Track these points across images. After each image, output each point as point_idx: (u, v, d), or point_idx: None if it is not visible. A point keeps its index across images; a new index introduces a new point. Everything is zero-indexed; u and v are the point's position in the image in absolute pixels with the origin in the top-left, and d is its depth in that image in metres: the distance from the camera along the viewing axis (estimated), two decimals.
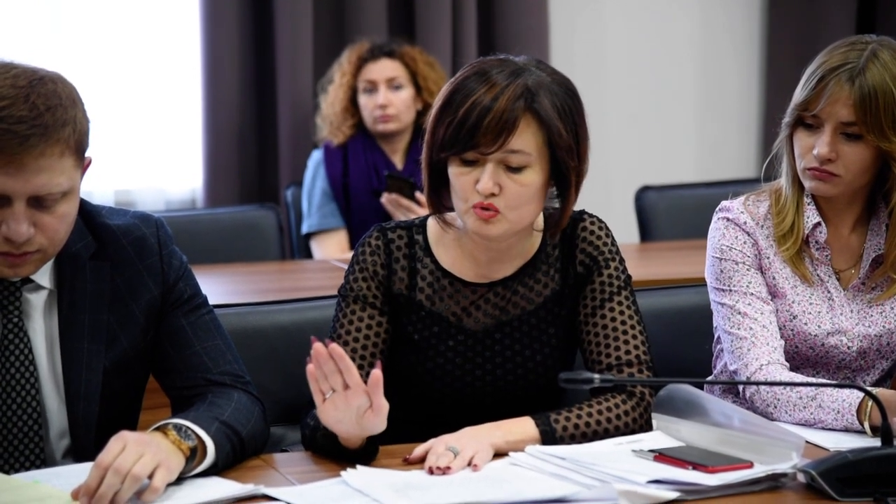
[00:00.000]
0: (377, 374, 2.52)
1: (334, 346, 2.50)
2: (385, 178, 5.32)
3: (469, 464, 2.56)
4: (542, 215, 2.90)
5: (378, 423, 2.57)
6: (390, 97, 5.44)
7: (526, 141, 2.74)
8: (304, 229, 5.55)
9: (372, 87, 5.47)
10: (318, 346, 2.50)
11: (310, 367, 2.53)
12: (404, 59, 5.48)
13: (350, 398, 2.54)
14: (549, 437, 2.70)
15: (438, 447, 2.59)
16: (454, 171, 2.79)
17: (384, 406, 2.55)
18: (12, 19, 5.80)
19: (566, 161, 2.77)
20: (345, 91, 5.52)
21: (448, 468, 2.53)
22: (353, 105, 5.52)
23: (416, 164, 2.91)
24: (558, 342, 2.92)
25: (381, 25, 6.10)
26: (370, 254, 2.89)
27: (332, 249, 5.47)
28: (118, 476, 2.37)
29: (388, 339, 2.89)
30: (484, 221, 2.77)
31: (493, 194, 2.75)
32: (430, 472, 2.53)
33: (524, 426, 2.71)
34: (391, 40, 5.66)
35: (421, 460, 2.62)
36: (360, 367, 2.84)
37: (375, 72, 5.47)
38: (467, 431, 2.66)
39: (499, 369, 2.89)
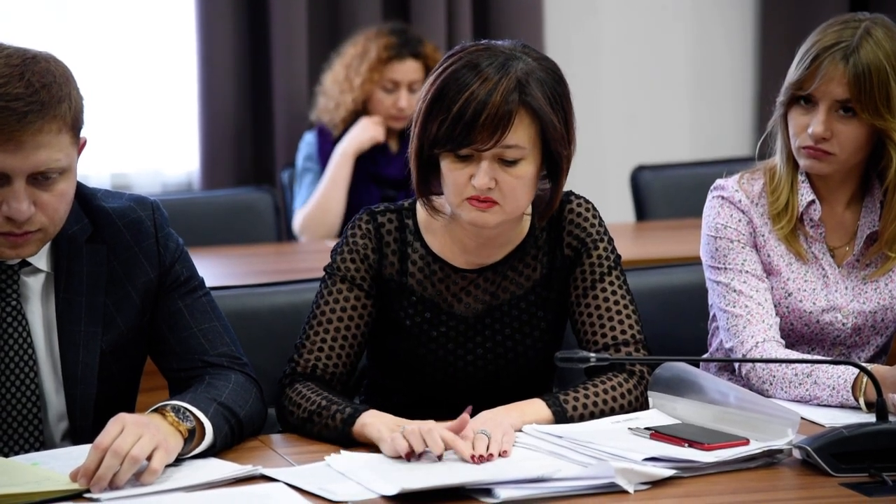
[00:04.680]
0: (465, 418, 2.56)
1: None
2: None
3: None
4: None
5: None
6: (411, 100, 5.38)
7: (520, 135, 2.73)
8: (297, 206, 5.49)
9: (393, 87, 5.42)
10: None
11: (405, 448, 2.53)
12: (427, 62, 5.43)
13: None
14: (560, 416, 2.71)
15: (467, 432, 2.57)
16: (448, 166, 2.77)
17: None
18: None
19: (559, 150, 2.77)
20: (368, 87, 5.43)
21: (491, 455, 2.52)
22: (368, 101, 5.46)
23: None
24: (548, 325, 2.92)
25: (375, 9, 6.09)
26: (361, 236, 2.89)
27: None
28: (117, 457, 2.38)
29: (370, 323, 2.88)
30: (480, 212, 2.76)
31: (489, 188, 2.75)
32: (474, 460, 2.51)
33: (536, 407, 2.71)
34: (409, 32, 5.55)
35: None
36: (341, 347, 2.85)
37: (401, 73, 5.40)
38: (487, 415, 2.65)
39: (490, 353, 2.90)
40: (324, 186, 5.35)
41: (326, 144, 5.48)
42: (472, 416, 2.63)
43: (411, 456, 2.52)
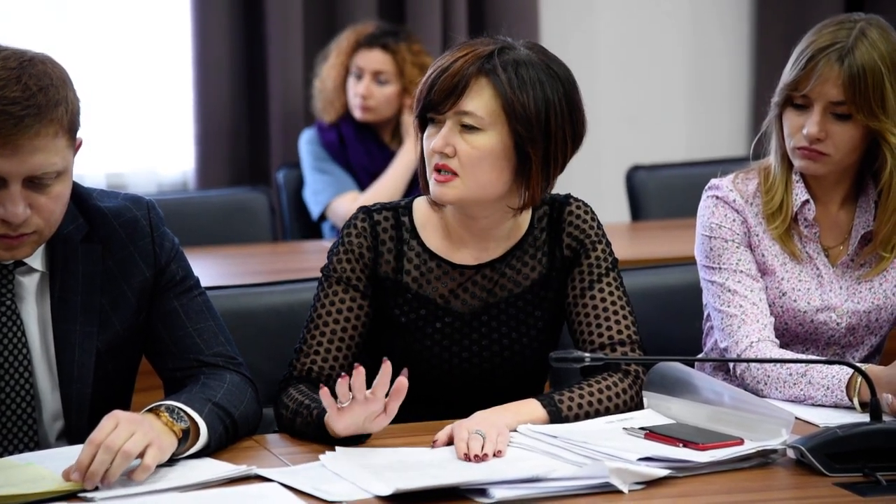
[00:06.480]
0: (403, 382, 2.56)
1: (387, 364, 2.56)
2: None
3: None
4: None
5: (384, 425, 2.61)
6: (372, 89, 5.43)
7: (478, 104, 2.76)
8: (324, 200, 5.47)
9: (359, 74, 5.47)
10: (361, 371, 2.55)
11: (324, 390, 2.56)
12: (396, 56, 5.46)
13: (369, 405, 2.57)
14: (555, 416, 2.71)
15: (461, 433, 2.57)
16: (423, 138, 2.82)
17: (395, 411, 2.59)
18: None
19: (521, 132, 2.76)
20: (337, 71, 5.52)
21: (486, 455, 2.52)
22: (344, 85, 5.53)
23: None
24: (544, 325, 2.92)
25: (370, 8, 6.10)
26: (356, 236, 2.89)
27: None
28: (109, 453, 2.38)
29: (367, 323, 2.89)
30: (440, 185, 2.79)
31: (446, 155, 2.77)
32: (468, 459, 2.52)
33: (531, 407, 2.72)
34: (395, 31, 5.60)
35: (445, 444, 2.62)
36: (338, 350, 2.86)
37: (365, 60, 5.46)
38: (481, 415, 2.64)
39: (485, 351, 2.90)
40: (390, 176, 5.38)
41: (327, 135, 5.49)
42: (466, 416, 2.64)
43: (340, 407, 2.56)
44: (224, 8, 5.98)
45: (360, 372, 2.54)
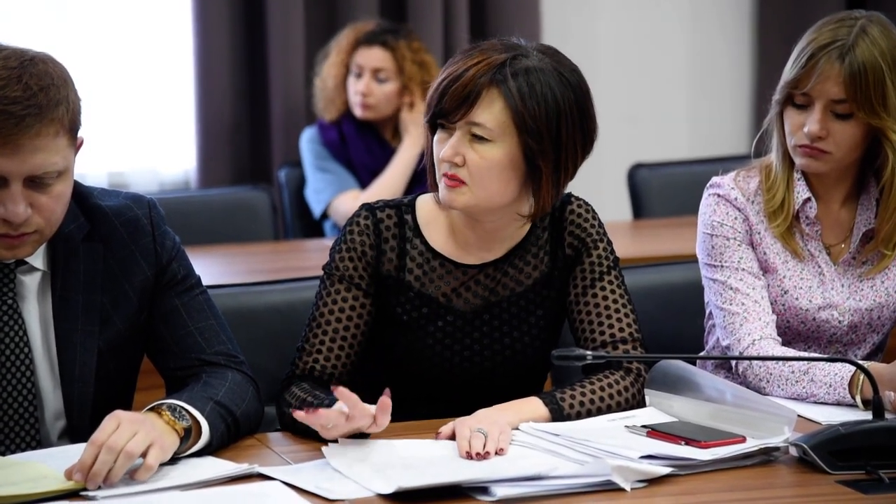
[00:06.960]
0: (386, 402, 2.54)
1: (341, 391, 2.53)
2: None
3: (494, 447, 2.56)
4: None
5: (378, 431, 2.60)
6: (372, 87, 5.43)
7: (489, 116, 2.75)
8: (325, 199, 5.47)
9: (359, 72, 5.47)
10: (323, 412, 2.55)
11: (299, 414, 2.56)
12: (396, 54, 5.47)
13: (355, 422, 2.56)
14: (558, 414, 2.71)
15: (463, 430, 2.57)
16: (433, 141, 2.81)
17: (386, 423, 2.57)
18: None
19: (531, 144, 2.75)
20: (337, 69, 5.52)
21: (488, 453, 2.52)
22: (344, 83, 5.53)
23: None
24: (546, 324, 2.92)
25: (372, 6, 6.10)
26: (359, 233, 2.89)
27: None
28: (112, 453, 2.38)
29: (370, 321, 2.89)
30: (450, 190, 2.78)
31: (455, 164, 2.76)
32: (470, 457, 2.52)
33: (533, 405, 2.71)
34: (394, 28, 5.60)
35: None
36: (340, 348, 2.86)
37: (364, 58, 5.47)
38: (483, 413, 2.64)
39: (487, 350, 2.90)
40: (390, 174, 5.38)
41: (328, 133, 5.49)
42: (468, 414, 2.64)
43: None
44: (225, 6, 5.98)
45: (343, 394, 2.53)
